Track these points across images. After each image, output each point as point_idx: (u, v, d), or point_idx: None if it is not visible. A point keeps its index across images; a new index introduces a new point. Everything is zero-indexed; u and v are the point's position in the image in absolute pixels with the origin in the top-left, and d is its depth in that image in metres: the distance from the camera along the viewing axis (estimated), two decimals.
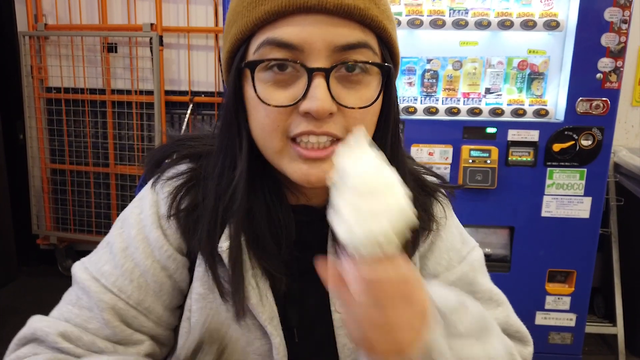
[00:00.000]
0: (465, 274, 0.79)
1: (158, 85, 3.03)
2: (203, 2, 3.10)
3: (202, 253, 0.72)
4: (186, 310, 0.75)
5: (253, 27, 0.62)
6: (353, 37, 0.62)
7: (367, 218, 0.47)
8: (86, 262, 0.76)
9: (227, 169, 0.70)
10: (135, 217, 0.75)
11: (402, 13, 2.19)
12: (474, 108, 2.25)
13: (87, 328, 0.71)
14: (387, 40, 0.66)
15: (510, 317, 0.79)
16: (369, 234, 0.47)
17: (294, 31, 0.60)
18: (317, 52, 0.61)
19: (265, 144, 0.66)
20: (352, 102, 0.63)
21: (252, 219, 0.70)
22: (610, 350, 2.70)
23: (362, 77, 0.64)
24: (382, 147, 0.69)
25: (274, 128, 0.64)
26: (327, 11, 0.60)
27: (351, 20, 0.61)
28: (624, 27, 2.06)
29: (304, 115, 0.62)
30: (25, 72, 3.15)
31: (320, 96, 0.60)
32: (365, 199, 0.47)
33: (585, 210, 2.23)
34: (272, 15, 0.60)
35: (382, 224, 0.47)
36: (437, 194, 0.82)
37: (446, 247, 0.80)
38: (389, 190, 0.48)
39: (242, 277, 0.70)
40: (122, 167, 3.27)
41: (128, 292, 0.72)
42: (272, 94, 0.63)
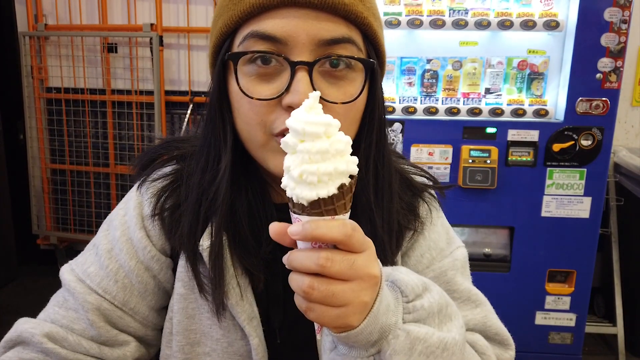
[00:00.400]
0: (444, 272, 0.77)
1: (158, 86, 3.04)
2: (203, 2, 3.10)
3: (184, 250, 0.72)
4: (169, 310, 0.76)
5: (238, 20, 0.63)
6: (338, 32, 0.62)
7: (315, 179, 0.48)
8: (73, 264, 0.77)
9: (212, 163, 0.69)
10: (120, 219, 0.76)
11: (402, 13, 2.19)
12: (473, 108, 2.25)
13: (72, 329, 0.71)
14: (372, 37, 0.66)
15: (489, 318, 0.76)
16: (315, 190, 0.49)
17: (279, 24, 0.60)
18: (301, 46, 0.61)
19: (250, 137, 0.66)
20: (335, 97, 0.63)
21: (234, 216, 0.70)
22: (610, 350, 2.70)
23: (346, 73, 0.64)
24: (368, 145, 0.69)
25: (257, 122, 0.63)
26: (312, 5, 0.60)
27: (336, 15, 0.61)
28: (623, 27, 2.06)
29: (286, 109, 0.61)
30: (26, 72, 3.15)
31: (303, 90, 0.60)
32: (315, 162, 0.49)
33: (585, 210, 2.23)
34: (258, 8, 0.61)
35: (328, 185, 0.49)
36: (424, 194, 0.81)
37: (428, 245, 0.79)
38: (339, 156, 0.49)
39: (222, 276, 0.69)
40: (122, 167, 3.26)
41: (113, 293, 0.73)
42: (255, 87, 0.63)
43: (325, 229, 0.49)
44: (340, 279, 0.51)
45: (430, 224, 0.80)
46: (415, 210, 0.79)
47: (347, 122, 0.65)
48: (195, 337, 0.75)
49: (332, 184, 0.49)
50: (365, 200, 0.70)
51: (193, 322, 0.74)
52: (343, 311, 0.51)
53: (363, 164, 0.69)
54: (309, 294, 0.50)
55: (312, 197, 0.49)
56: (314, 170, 0.48)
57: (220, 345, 0.73)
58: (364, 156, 0.70)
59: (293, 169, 0.49)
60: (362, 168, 0.69)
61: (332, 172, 0.48)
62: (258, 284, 0.72)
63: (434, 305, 0.59)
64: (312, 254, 0.50)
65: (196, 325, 0.74)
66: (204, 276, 0.71)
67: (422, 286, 0.61)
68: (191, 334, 0.75)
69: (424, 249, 0.79)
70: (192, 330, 0.75)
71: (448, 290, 0.76)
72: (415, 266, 0.78)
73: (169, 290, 0.77)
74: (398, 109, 2.27)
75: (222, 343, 0.73)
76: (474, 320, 0.75)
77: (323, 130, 0.49)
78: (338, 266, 0.50)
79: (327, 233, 0.49)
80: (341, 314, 0.51)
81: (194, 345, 0.75)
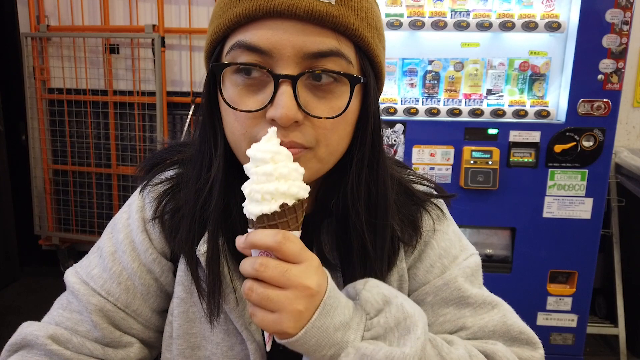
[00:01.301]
0: (454, 279, 0.75)
1: (160, 86, 3.04)
2: (204, 3, 3.11)
3: (183, 255, 0.72)
4: (169, 314, 0.76)
5: (226, 30, 0.62)
6: (325, 44, 0.60)
7: (259, 197, 0.57)
8: (77, 267, 0.78)
9: (205, 169, 0.70)
10: (123, 222, 0.77)
11: (404, 14, 2.20)
12: (475, 109, 2.25)
13: (77, 331, 0.72)
14: (365, 49, 0.63)
15: (509, 317, 0.74)
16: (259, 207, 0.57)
17: (264, 35, 0.59)
18: (286, 59, 0.59)
19: (235, 146, 0.66)
20: (321, 112, 0.62)
21: (230, 220, 0.70)
22: (612, 351, 2.70)
23: (334, 87, 0.62)
24: (359, 160, 0.68)
25: (242, 133, 0.63)
26: (298, 17, 0.58)
27: (324, 27, 0.59)
28: (625, 29, 2.07)
29: (270, 122, 0.60)
30: (28, 73, 3.16)
31: (284, 104, 0.58)
32: (260, 182, 0.57)
33: (587, 211, 2.24)
34: (243, 18, 0.60)
35: (271, 203, 0.57)
36: (426, 204, 0.79)
37: (439, 254, 0.77)
38: (282, 179, 0.57)
39: (218, 280, 0.70)
40: (124, 167, 3.27)
41: (116, 295, 0.73)
42: (242, 98, 0.62)
43: (258, 235, 0.57)
44: (275, 285, 0.57)
45: (434, 233, 0.79)
46: (416, 222, 0.77)
47: (335, 137, 0.64)
48: (196, 340, 0.75)
49: (275, 202, 0.57)
50: (355, 215, 0.69)
51: (194, 326, 0.75)
52: (278, 317, 0.57)
53: (355, 179, 0.68)
54: (249, 295, 0.57)
55: (257, 212, 0.57)
56: (258, 189, 0.57)
57: (220, 349, 0.74)
58: (356, 171, 0.68)
59: (245, 188, 0.58)
60: (354, 183, 0.68)
61: (273, 191, 0.56)
62: None
63: (390, 320, 0.61)
64: (252, 259, 0.58)
65: (197, 329, 0.75)
66: (202, 281, 0.72)
67: (382, 301, 0.63)
68: (192, 338, 0.75)
69: (434, 259, 0.77)
70: (193, 333, 0.75)
71: (460, 297, 0.74)
72: (425, 277, 0.77)
73: (170, 293, 0.77)
74: (400, 110, 2.27)
75: (222, 347, 0.74)
76: (493, 321, 0.73)
77: (270, 156, 0.57)
78: (271, 272, 0.56)
79: (260, 239, 0.57)
80: (277, 319, 0.57)
81: (195, 349, 0.75)
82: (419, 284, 0.77)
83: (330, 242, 0.73)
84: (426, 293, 0.76)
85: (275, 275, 0.56)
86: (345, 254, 0.72)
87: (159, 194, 0.76)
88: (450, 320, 0.74)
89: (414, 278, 0.77)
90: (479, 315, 0.74)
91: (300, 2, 0.58)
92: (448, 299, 0.75)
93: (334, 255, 0.73)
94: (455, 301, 0.75)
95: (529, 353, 0.72)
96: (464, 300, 0.75)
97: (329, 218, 0.73)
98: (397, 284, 0.76)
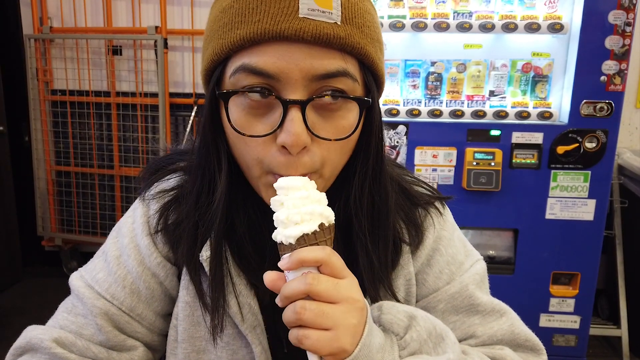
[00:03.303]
0: (465, 287, 0.77)
1: (162, 88, 3.05)
2: (207, 5, 3.11)
3: (186, 263, 0.72)
4: (173, 318, 0.76)
5: (228, 51, 0.60)
6: (332, 66, 0.59)
7: (299, 219, 0.58)
8: (82, 271, 0.78)
9: (207, 187, 0.69)
10: (128, 227, 0.77)
11: (407, 16, 2.20)
12: (478, 110, 2.26)
13: (81, 334, 0.72)
14: (369, 65, 0.63)
15: (516, 325, 0.77)
16: (299, 228, 0.58)
17: (270, 60, 0.58)
18: (294, 82, 0.58)
19: (246, 169, 0.65)
20: (327, 133, 0.61)
21: (235, 232, 0.70)
22: (615, 353, 2.70)
23: (341, 105, 0.62)
24: (363, 173, 0.68)
25: (253, 158, 0.62)
26: (305, 41, 0.57)
27: (330, 48, 0.59)
28: (628, 30, 2.07)
29: (280, 149, 0.60)
30: (31, 75, 3.17)
31: (295, 131, 0.58)
32: (297, 206, 0.58)
33: (590, 213, 2.24)
34: (248, 42, 0.58)
35: (310, 223, 0.58)
36: (427, 206, 0.80)
37: (446, 260, 0.78)
38: (317, 203, 0.60)
39: (221, 287, 0.70)
40: (127, 169, 3.28)
41: (121, 299, 0.74)
42: (249, 122, 0.61)
43: (307, 251, 0.57)
44: (327, 301, 0.56)
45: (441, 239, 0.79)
46: (417, 222, 0.78)
47: (339, 155, 0.64)
48: (201, 344, 0.75)
49: (314, 222, 0.58)
50: (358, 226, 0.69)
51: (199, 330, 0.75)
52: (335, 334, 0.55)
53: (358, 191, 0.69)
54: (301, 314, 0.55)
55: (297, 233, 0.57)
56: (297, 211, 0.58)
57: (225, 352, 0.74)
58: (359, 184, 0.69)
59: (281, 215, 0.59)
60: (357, 195, 0.69)
61: (312, 212, 0.58)
62: (264, 297, 0.73)
63: (422, 333, 0.63)
64: (300, 278, 0.57)
65: (201, 333, 0.75)
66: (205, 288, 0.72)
67: (407, 318, 0.64)
68: (197, 342, 0.75)
69: (443, 265, 0.78)
70: (198, 337, 0.75)
71: (471, 304, 0.76)
72: (435, 283, 0.78)
73: (174, 297, 0.77)
74: (402, 111, 2.28)
75: (227, 351, 0.74)
76: (502, 330, 0.75)
77: (302, 184, 0.60)
78: (324, 285, 0.56)
79: (310, 254, 0.56)
80: (334, 336, 0.55)
81: (200, 353, 0.75)
82: (430, 290, 0.78)
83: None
84: (438, 300, 0.77)
85: (329, 287, 0.56)
86: (348, 260, 0.72)
87: (161, 205, 0.76)
88: (459, 328, 0.76)
89: (423, 284, 0.78)
90: (488, 323, 0.76)
91: (307, 26, 0.57)
92: (459, 307, 0.77)
93: None
94: (466, 308, 0.77)
95: (532, 358, 0.75)
96: (473, 308, 0.76)
97: None
98: (405, 288, 0.77)
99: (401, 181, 0.80)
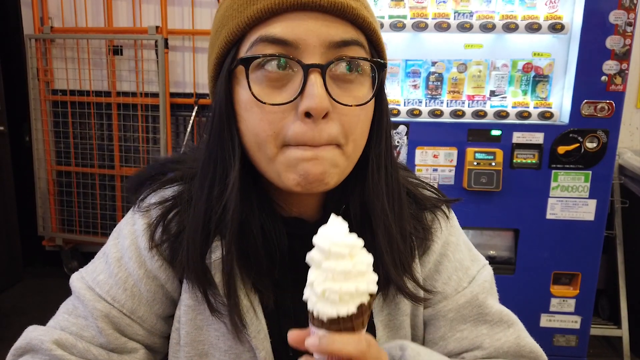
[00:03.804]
0: (475, 297, 0.77)
1: (163, 88, 3.05)
2: (208, 5, 3.12)
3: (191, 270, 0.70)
4: (175, 321, 0.76)
5: (245, 27, 0.61)
6: (347, 34, 0.61)
7: (336, 298, 0.51)
8: (83, 272, 0.77)
9: (219, 178, 0.67)
10: (129, 228, 0.76)
11: (407, 16, 2.20)
12: (478, 110, 2.26)
13: (82, 336, 0.72)
14: (376, 42, 0.66)
15: (522, 337, 0.77)
16: (335, 308, 0.51)
17: (289, 28, 0.59)
18: (312, 49, 0.60)
19: (259, 150, 0.63)
20: (347, 101, 0.62)
21: (245, 233, 0.68)
22: (615, 353, 2.70)
23: (356, 77, 0.63)
24: (377, 154, 0.69)
25: (269, 133, 0.61)
26: (321, 8, 0.59)
27: (344, 18, 0.61)
28: (628, 30, 2.07)
29: (300, 118, 0.60)
30: (32, 75, 3.17)
31: (318, 93, 0.58)
32: (338, 281, 0.51)
33: (590, 213, 2.24)
34: (266, 12, 0.60)
35: (349, 304, 0.51)
36: (434, 209, 0.80)
37: (454, 267, 0.78)
38: (360, 277, 0.52)
39: (234, 289, 0.69)
40: (127, 169, 3.28)
41: (122, 301, 0.73)
42: (267, 94, 0.61)
43: (340, 344, 0.52)
44: None
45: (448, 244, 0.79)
46: (425, 223, 0.78)
47: (360, 129, 0.64)
48: (204, 348, 0.75)
49: (353, 303, 0.51)
50: (380, 208, 0.69)
51: (201, 334, 0.74)
52: None
53: (375, 171, 0.69)
54: None
55: (332, 314, 0.51)
56: (336, 289, 0.51)
57: (228, 356, 0.73)
58: (376, 165, 0.69)
59: (317, 285, 0.52)
60: (374, 176, 0.69)
61: (353, 292, 0.51)
62: (268, 301, 0.72)
63: None
64: None
65: (204, 337, 0.74)
66: (211, 292, 0.70)
67: None
68: (199, 345, 0.75)
69: (451, 271, 0.78)
70: (201, 341, 0.75)
71: (480, 313, 0.77)
72: (444, 289, 0.78)
73: (175, 300, 0.76)
74: (403, 111, 2.28)
75: (230, 355, 0.73)
76: (508, 342, 0.76)
77: (348, 251, 0.51)
78: None
79: (343, 348, 0.52)
80: None
81: (202, 356, 0.75)
82: (439, 297, 0.78)
83: None
84: (448, 310, 0.77)
85: None
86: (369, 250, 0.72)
87: (159, 215, 0.74)
88: (467, 337, 0.76)
89: (432, 288, 0.78)
90: (495, 334, 0.76)
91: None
92: (467, 316, 0.77)
93: None
94: (474, 317, 0.77)
95: None
96: (482, 317, 0.77)
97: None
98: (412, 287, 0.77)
99: (407, 184, 0.79)
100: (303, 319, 0.56)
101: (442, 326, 0.77)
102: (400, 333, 0.77)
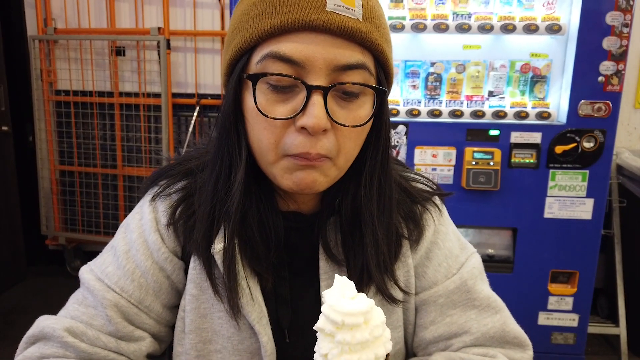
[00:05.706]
0: (464, 282, 0.81)
1: (165, 88, 3.08)
2: (209, 6, 3.14)
3: (198, 255, 0.76)
4: (180, 310, 0.80)
5: (257, 40, 0.64)
6: (353, 58, 0.64)
7: None
8: (92, 265, 0.81)
9: (225, 174, 0.72)
10: (137, 222, 0.81)
11: (406, 17, 2.22)
12: (477, 111, 2.28)
13: (91, 324, 0.76)
14: (383, 62, 0.69)
15: (507, 323, 0.81)
16: None
17: (298, 48, 0.62)
18: (318, 70, 0.63)
19: (261, 154, 0.68)
20: (345, 121, 0.66)
21: (245, 223, 0.73)
22: (613, 351, 2.71)
23: (358, 97, 0.67)
24: (373, 165, 0.73)
25: (271, 142, 0.66)
26: (331, 32, 0.62)
27: (352, 42, 0.64)
28: (625, 31, 2.09)
29: (299, 131, 0.64)
30: (35, 75, 3.20)
31: (317, 114, 0.62)
32: (355, 352, 0.51)
33: (588, 212, 2.25)
34: (278, 30, 0.62)
35: None
36: (426, 202, 0.84)
37: (444, 254, 0.82)
38: (378, 341, 0.51)
39: (235, 277, 0.73)
40: (130, 168, 3.31)
41: (130, 291, 0.77)
42: (271, 106, 0.65)
43: None
44: None
45: (438, 233, 0.83)
46: (416, 218, 0.82)
47: (353, 145, 0.68)
48: (207, 335, 0.78)
49: None
50: (368, 215, 0.73)
51: (205, 321, 0.78)
52: None
53: (368, 181, 0.73)
54: None
55: None
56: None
57: (231, 342, 0.77)
58: (369, 174, 0.73)
59: (332, 358, 0.51)
60: (367, 185, 0.73)
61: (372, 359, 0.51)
62: (266, 285, 0.76)
63: None
64: None
65: (208, 324, 0.78)
66: (217, 279, 0.75)
67: None
68: (203, 332, 0.78)
69: (441, 259, 0.82)
70: (204, 328, 0.78)
71: (469, 299, 0.80)
72: (434, 276, 0.81)
73: (180, 290, 0.81)
74: (402, 111, 2.30)
75: (232, 341, 0.77)
76: (495, 327, 0.79)
77: (363, 319, 0.50)
78: None
79: None
80: None
81: (206, 343, 0.78)
82: (429, 283, 0.82)
83: (335, 239, 0.78)
84: (439, 295, 0.81)
85: None
86: (353, 250, 0.76)
87: (172, 202, 0.79)
88: (456, 322, 0.80)
89: (422, 276, 0.82)
90: (483, 319, 0.80)
91: (334, 18, 0.62)
92: (457, 301, 0.81)
93: (339, 251, 0.77)
94: (463, 302, 0.80)
95: (520, 355, 0.80)
96: (470, 302, 0.80)
97: (333, 216, 0.77)
98: (404, 279, 0.81)
99: (400, 179, 0.83)
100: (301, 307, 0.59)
101: (432, 311, 0.81)
102: (393, 318, 0.81)
